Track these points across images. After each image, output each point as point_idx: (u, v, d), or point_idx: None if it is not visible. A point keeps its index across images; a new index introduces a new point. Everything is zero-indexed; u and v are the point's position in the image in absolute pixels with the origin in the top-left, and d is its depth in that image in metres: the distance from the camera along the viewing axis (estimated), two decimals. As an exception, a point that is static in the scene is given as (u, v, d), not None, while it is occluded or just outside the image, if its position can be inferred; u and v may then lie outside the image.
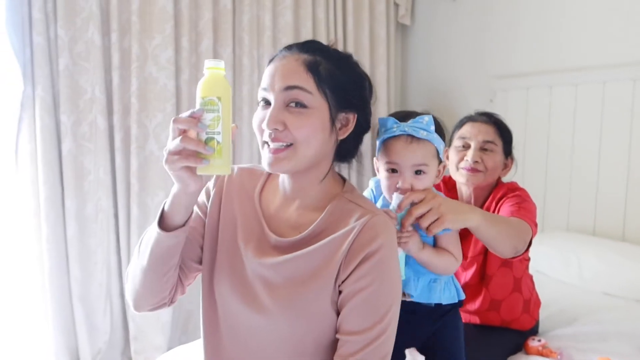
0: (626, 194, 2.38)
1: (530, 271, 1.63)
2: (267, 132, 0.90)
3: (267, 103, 0.93)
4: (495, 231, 1.17)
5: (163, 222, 0.92)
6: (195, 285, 1.10)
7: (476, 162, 1.51)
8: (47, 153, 2.08)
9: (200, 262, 1.04)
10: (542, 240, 2.45)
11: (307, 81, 0.90)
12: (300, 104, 0.90)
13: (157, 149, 2.32)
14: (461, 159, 1.54)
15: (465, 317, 1.65)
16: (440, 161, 1.14)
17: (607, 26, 2.43)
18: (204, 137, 0.81)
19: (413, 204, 1.08)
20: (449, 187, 1.66)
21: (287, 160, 0.90)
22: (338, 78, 0.93)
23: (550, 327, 1.78)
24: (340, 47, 2.97)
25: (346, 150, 1.00)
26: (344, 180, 1.04)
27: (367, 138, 1.04)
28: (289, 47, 0.96)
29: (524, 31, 2.75)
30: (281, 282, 0.94)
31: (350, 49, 2.99)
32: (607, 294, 2.10)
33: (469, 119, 1.61)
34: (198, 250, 1.04)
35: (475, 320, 1.65)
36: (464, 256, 1.59)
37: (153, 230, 0.92)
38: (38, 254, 2.13)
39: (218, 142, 0.80)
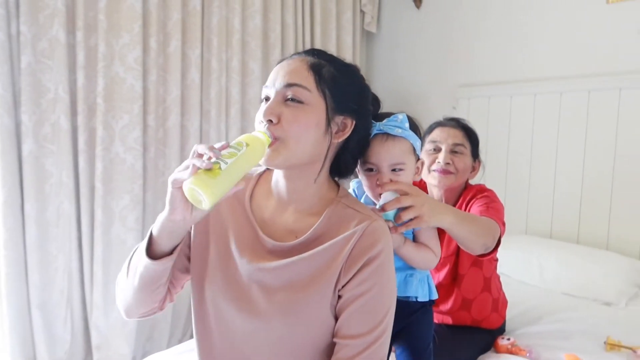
0: (581, 199, 2.51)
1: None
2: (263, 124, 0.90)
3: (268, 100, 0.94)
4: (467, 230, 1.20)
5: (151, 248, 0.91)
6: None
7: (447, 163, 1.57)
8: (6, 154, 1.98)
9: (188, 271, 1.03)
10: (504, 243, 2.52)
11: (307, 79, 0.91)
12: (297, 100, 0.90)
13: (123, 151, 2.25)
14: (433, 162, 1.59)
15: (438, 318, 1.69)
16: (417, 158, 1.14)
17: (565, 39, 2.56)
18: (213, 161, 0.79)
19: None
20: (419, 187, 1.70)
21: (276, 153, 0.89)
22: (339, 81, 0.94)
23: (516, 326, 1.85)
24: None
25: (345, 163, 1.00)
26: (337, 185, 1.04)
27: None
28: (298, 53, 0.98)
29: (486, 42, 2.86)
30: (279, 286, 0.94)
31: (318, 55, 3.01)
32: (566, 294, 2.20)
33: (439, 124, 1.67)
34: (185, 260, 1.03)
35: (448, 320, 1.69)
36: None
37: (141, 255, 0.90)
38: (-5, 260, 2.02)
39: (220, 168, 0.78)
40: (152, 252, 0.91)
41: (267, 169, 1.05)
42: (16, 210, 2.04)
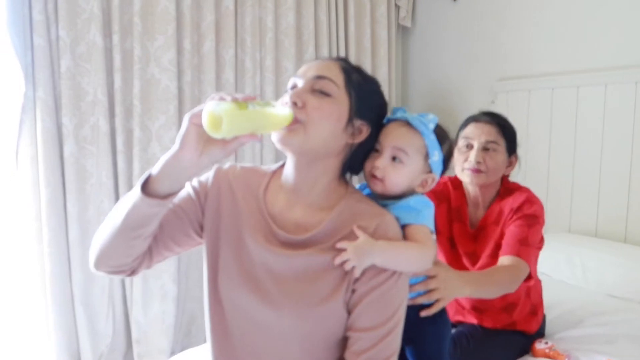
0: (628, 195, 2.38)
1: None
2: (287, 105, 0.92)
3: (294, 88, 0.96)
4: (485, 294, 1.32)
5: (147, 188, 0.89)
6: (198, 288, 1.09)
7: (478, 162, 1.53)
8: (48, 156, 2.06)
9: (179, 246, 1.03)
10: (546, 242, 2.44)
11: (338, 76, 0.95)
12: (325, 92, 0.94)
13: (159, 151, 2.30)
14: (465, 160, 1.56)
15: (476, 319, 1.64)
16: (429, 170, 1.06)
17: (610, 28, 2.43)
18: (242, 97, 0.84)
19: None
20: (455, 185, 1.67)
21: (294, 133, 0.91)
22: (364, 89, 0.98)
23: (555, 330, 1.77)
24: (342, 49, 2.97)
25: (353, 164, 1.03)
26: (346, 182, 1.05)
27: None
28: (329, 57, 1.03)
29: (526, 32, 2.75)
30: (292, 277, 0.95)
31: (352, 51, 2.99)
32: (611, 295, 2.09)
33: (473, 119, 1.62)
34: (183, 234, 1.02)
35: (487, 323, 1.64)
36: (477, 256, 1.59)
37: (134, 192, 0.89)
38: (39, 257, 2.10)
39: (247, 107, 0.81)
40: (147, 192, 0.88)
41: (281, 166, 1.05)
42: (59, 210, 2.12)
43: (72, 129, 2.11)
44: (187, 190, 1.03)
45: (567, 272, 2.27)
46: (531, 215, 1.48)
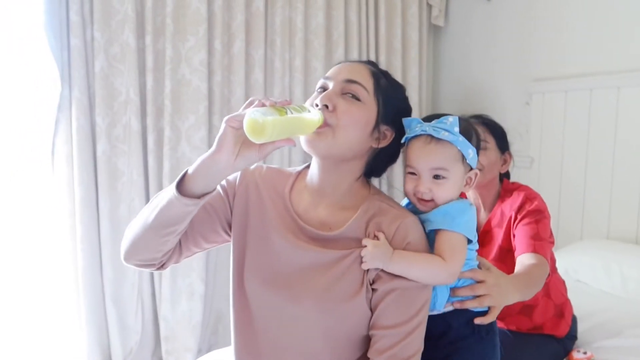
0: (672, 201, 2.28)
1: (571, 280, 1.56)
2: (317, 108, 0.93)
3: (324, 90, 0.97)
4: (528, 295, 1.25)
5: (182, 187, 0.90)
6: (225, 287, 1.08)
7: None
8: (82, 154, 2.10)
9: (208, 243, 1.06)
10: (583, 248, 2.36)
11: (368, 82, 0.97)
12: (355, 97, 0.95)
13: (189, 151, 2.32)
14: None
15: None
16: (470, 167, 1.03)
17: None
18: (281, 102, 0.86)
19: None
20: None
21: (323, 137, 0.92)
22: (391, 95, 1.00)
23: (593, 339, 1.70)
24: (372, 50, 2.94)
25: (376, 167, 1.04)
26: (368, 183, 1.07)
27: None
28: (359, 60, 1.05)
29: (563, 31, 2.67)
30: (318, 272, 0.96)
31: (382, 52, 2.96)
32: (652, 305, 2.00)
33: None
34: (212, 231, 1.04)
35: (509, 325, 1.59)
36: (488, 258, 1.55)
37: (169, 190, 0.91)
38: (73, 254, 2.15)
39: (286, 113, 0.83)
40: (181, 191, 0.90)
41: (306, 167, 1.08)
42: (91, 207, 2.16)
43: (105, 128, 2.15)
44: (217, 189, 1.05)
45: (605, 280, 2.18)
46: (535, 211, 1.45)
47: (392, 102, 0.99)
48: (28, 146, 2.09)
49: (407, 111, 1.05)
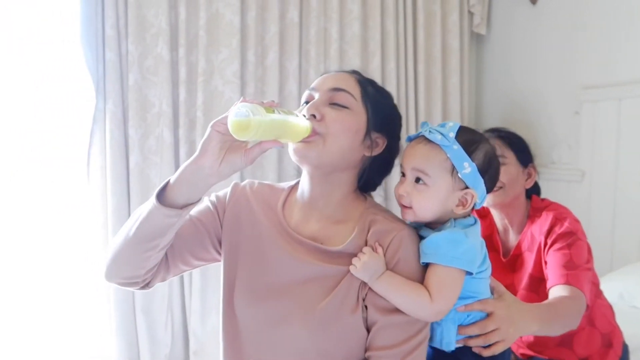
0: None
1: (626, 306, 1.41)
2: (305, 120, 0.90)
3: (309, 102, 0.94)
4: (553, 331, 1.14)
5: (164, 197, 0.86)
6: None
7: None
8: (115, 166, 2.13)
9: (197, 260, 1.01)
10: (637, 270, 2.17)
11: (354, 89, 0.94)
12: (342, 105, 0.92)
13: (221, 163, 2.30)
14: None
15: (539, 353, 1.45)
16: (464, 185, 0.91)
17: None
18: (269, 102, 0.83)
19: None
20: (482, 214, 1.53)
21: (312, 145, 0.89)
22: (380, 101, 0.97)
23: (650, 372, 1.54)
24: (410, 59, 2.83)
25: (370, 178, 0.99)
26: (364, 197, 1.02)
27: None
28: (342, 70, 1.01)
29: (615, 36, 2.50)
30: (313, 286, 0.91)
31: (421, 61, 2.86)
32: None
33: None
34: (201, 248, 1.00)
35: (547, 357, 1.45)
36: (514, 289, 1.42)
37: (150, 201, 0.87)
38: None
39: (274, 112, 0.80)
40: (163, 201, 0.85)
41: (297, 182, 1.03)
42: (124, 219, 2.16)
43: (138, 139, 2.17)
44: (206, 204, 1.02)
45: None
46: (566, 234, 1.31)
47: (381, 108, 0.96)
48: (65, 156, 2.14)
49: (397, 118, 1.02)
